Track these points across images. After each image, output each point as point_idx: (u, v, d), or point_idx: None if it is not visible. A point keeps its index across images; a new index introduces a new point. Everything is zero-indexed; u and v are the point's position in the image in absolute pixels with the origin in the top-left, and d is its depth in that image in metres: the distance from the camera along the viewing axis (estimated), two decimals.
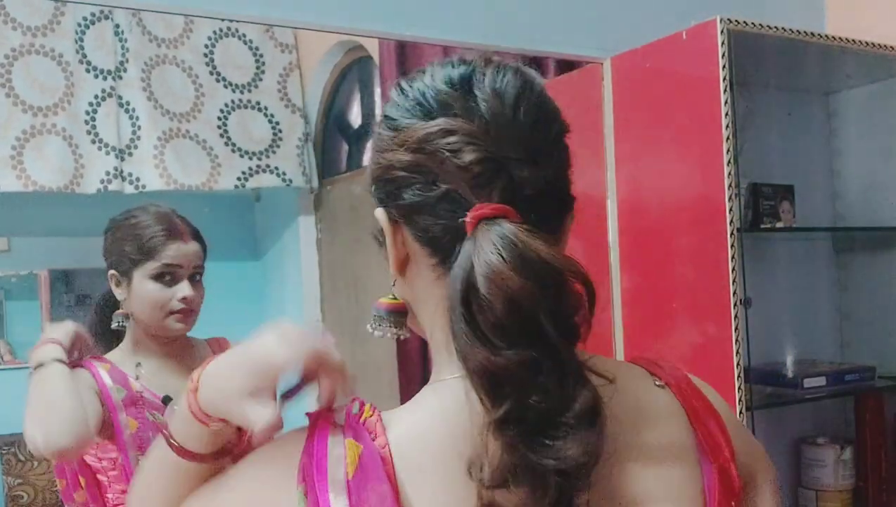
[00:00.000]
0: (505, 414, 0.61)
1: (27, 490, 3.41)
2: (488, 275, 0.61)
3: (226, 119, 3.51)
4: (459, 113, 0.68)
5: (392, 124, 0.72)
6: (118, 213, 1.64)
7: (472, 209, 0.65)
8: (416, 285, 0.73)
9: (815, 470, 1.97)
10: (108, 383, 1.55)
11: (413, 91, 0.72)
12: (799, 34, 1.75)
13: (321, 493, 0.63)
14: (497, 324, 0.61)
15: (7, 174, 3.08)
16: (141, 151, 3.30)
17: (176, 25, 3.44)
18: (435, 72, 0.72)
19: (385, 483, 0.63)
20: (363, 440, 0.65)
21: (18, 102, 3.13)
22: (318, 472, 0.64)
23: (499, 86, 0.69)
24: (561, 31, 1.91)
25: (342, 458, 0.64)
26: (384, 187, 0.72)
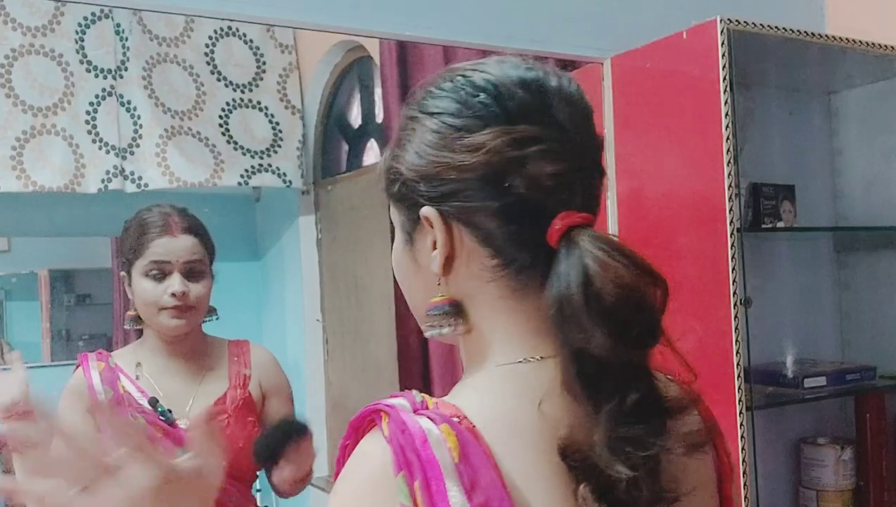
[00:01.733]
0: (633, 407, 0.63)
1: None
2: (605, 273, 0.64)
3: (227, 117, 3.52)
4: (540, 120, 0.69)
5: (456, 124, 0.70)
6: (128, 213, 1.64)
7: (560, 217, 0.67)
8: (465, 284, 0.72)
9: (815, 470, 1.97)
10: (95, 385, 1.56)
11: (482, 89, 0.70)
12: (799, 34, 1.75)
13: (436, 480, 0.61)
14: (618, 318, 0.64)
15: (7, 175, 3.08)
16: (143, 149, 3.30)
17: (177, 24, 3.44)
18: (502, 71, 0.72)
19: (489, 468, 0.62)
20: (452, 424, 0.63)
21: (18, 102, 3.13)
22: (427, 457, 0.61)
23: (569, 94, 0.71)
24: (561, 31, 1.91)
25: (443, 443, 0.62)
26: (439, 186, 0.70)
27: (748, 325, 1.65)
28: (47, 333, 3.91)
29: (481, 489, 0.61)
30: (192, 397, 1.60)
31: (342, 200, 3.59)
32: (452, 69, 0.75)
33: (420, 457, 0.61)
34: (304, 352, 3.80)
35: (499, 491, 0.61)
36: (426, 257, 0.72)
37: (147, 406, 1.55)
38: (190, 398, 1.60)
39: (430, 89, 0.74)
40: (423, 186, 0.71)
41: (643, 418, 0.63)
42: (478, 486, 0.61)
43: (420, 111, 0.73)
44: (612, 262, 0.64)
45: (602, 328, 0.63)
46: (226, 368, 1.66)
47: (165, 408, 1.56)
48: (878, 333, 2.10)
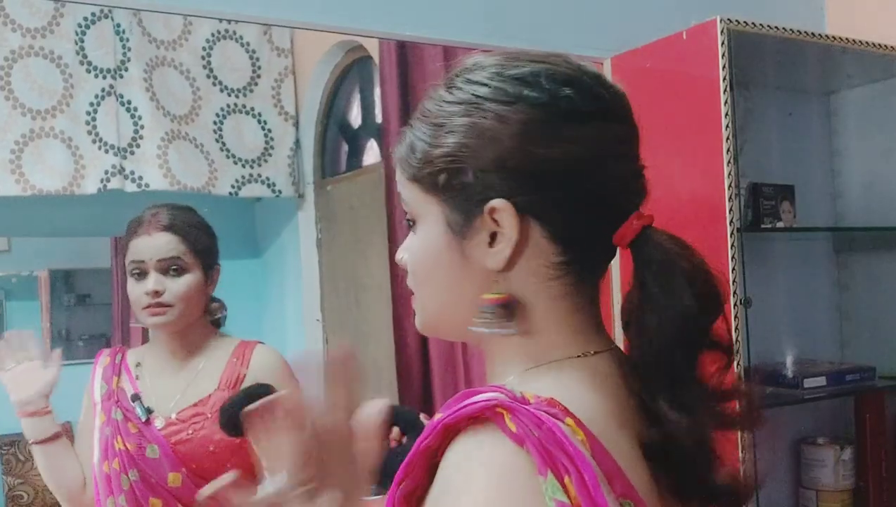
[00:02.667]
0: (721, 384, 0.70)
1: (27, 490, 3.41)
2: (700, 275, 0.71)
3: (221, 124, 3.52)
4: (624, 119, 0.72)
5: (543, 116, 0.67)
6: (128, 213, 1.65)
7: (635, 216, 0.71)
8: (525, 280, 0.69)
9: (815, 470, 1.97)
10: (96, 380, 1.61)
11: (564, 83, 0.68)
12: (799, 34, 1.75)
13: (592, 481, 0.58)
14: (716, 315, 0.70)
15: (6, 179, 3.07)
16: (143, 149, 3.29)
17: (175, 27, 3.44)
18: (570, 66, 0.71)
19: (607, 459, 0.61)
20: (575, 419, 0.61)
21: (17, 105, 3.12)
22: (576, 453, 0.58)
23: (624, 97, 0.73)
24: (561, 31, 1.91)
25: (574, 436, 0.59)
26: (517, 179, 0.67)
27: (748, 325, 1.65)
28: (47, 333, 3.90)
29: (618, 481, 0.60)
30: (179, 397, 1.59)
31: (342, 200, 3.59)
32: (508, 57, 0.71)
33: (567, 452, 0.58)
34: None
35: (624, 480, 0.61)
36: (481, 251, 0.69)
37: (129, 403, 1.57)
38: (176, 397, 1.59)
39: (490, 74, 0.69)
40: (496, 177, 0.67)
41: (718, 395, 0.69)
42: (615, 478, 0.60)
43: (486, 98, 0.68)
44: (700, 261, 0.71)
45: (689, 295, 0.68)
46: (221, 368, 1.63)
47: (145, 405, 1.56)
48: (878, 333, 2.10)
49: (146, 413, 1.56)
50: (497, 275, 0.69)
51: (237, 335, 1.74)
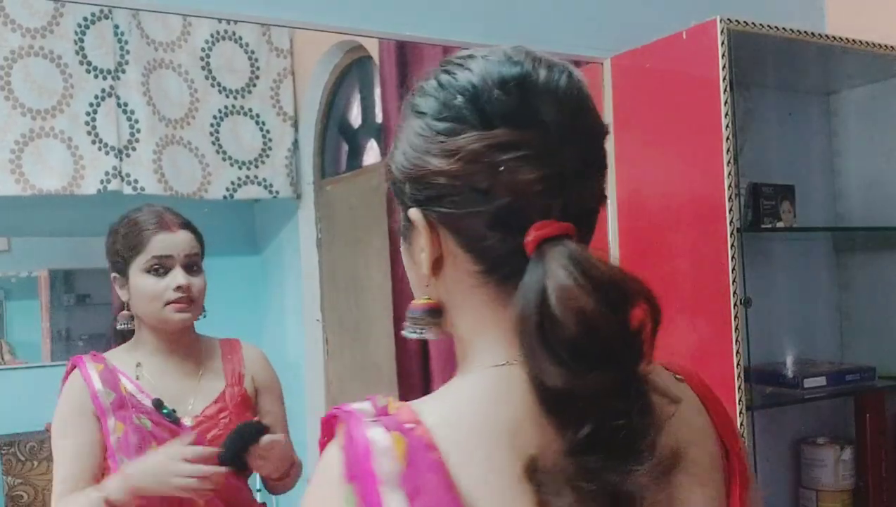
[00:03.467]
0: (583, 438, 0.60)
1: (27, 490, 3.41)
2: (563, 298, 0.61)
3: (218, 126, 3.52)
4: (519, 123, 0.65)
5: (437, 127, 0.67)
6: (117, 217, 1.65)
7: (534, 228, 0.64)
8: (452, 287, 0.70)
9: (815, 470, 1.97)
10: (97, 388, 1.55)
11: (462, 89, 0.67)
12: (799, 34, 1.75)
13: (373, 493, 0.61)
14: (573, 345, 0.60)
15: (6, 179, 3.08)
16: (139, 154, 3.30)
17: (174, 28, 3.44)
18: (485, 68, 0.68)
19: (436, 473, 0.61)
20: (404, 432, 0.63)
21: (17, 105, 3.13)
22: (365, 470, 0.61)
23: (556, 91, 0.67)
24: (561, 31, 1.91)
25: (389, 451, 0.62)
26: (423, 190, 0.68)
27: (748, 325, 1.65)
28: (47, 333, 3.91)
29: (426, 493, 0.61)
30: (193, 396, 1.61)
31: (342, 200, 3.59)
32: (444, 63, 0.71)
33: (362, 469, 0.61)
34: (304, 352, 3.80)
35: (444, 495, 0.61)
36: (416, 257, 0.71)
37: (151, 407, 1.55)
38: (190, 397, 1.60)
39: (421, 86, 0.71)
40: (409, 188, 0.69)
41: (598, 450, 0.60)
42: (422, 491, 0.61)
43: (410, 110, 0.71)
44: (574, 287, 0.61)
45: (554, 358, 0.60)
46: (221, 366, 1.68)
47: (170, 409, 1.56)
48: (878, 333, 2.10)
49: (175, 416, 1.57)
50: (429, 280, 0.70)
51: (238, 334, 1.76)
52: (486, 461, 0.63)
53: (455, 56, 0.71)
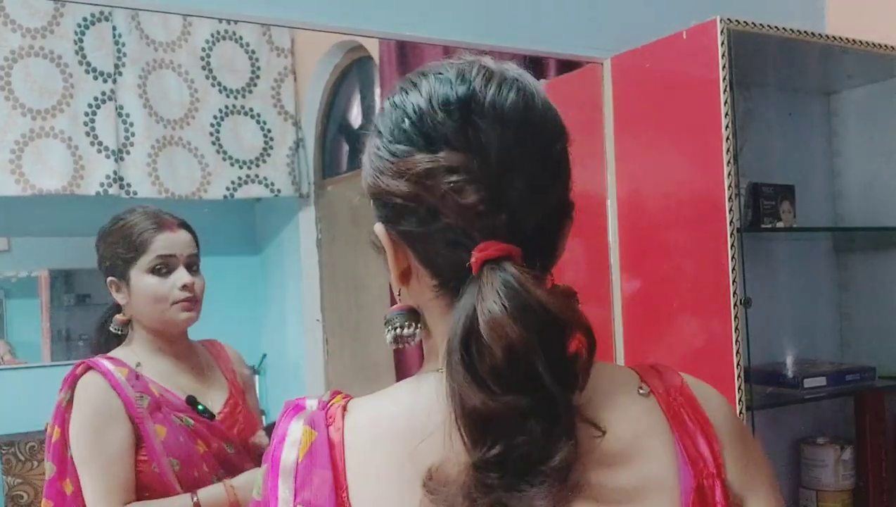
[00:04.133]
0: (492, 457, 0.62)
1: (27, 490, 3.41)
2: (490, 323, 0.62)
3: (219, 126, 3.52)
4: (460, 146, 0.66)
5: (390, 148, 0.70)
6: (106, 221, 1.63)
7: (476, 249, 0.65)
8: (418, 296, 0.73)
9: (815, 470, 1.97)
10: (130, 395, 1.50)
11: (410, 111, 0.69)
12: (799, 34, 1.75)
13: (272, 478, 0.67)
14: (495, 370, 0.62)
15: (6, 179, 3.07)
16: (134, 157, 3.30)
17: (174, 28, 3.44)
18: (433, 89, 0.69)
19: (328, 469, 0.66)
20: (318, 427, 0.68)
21: (18, 104, 3.12)
22: (274, 457, 0.68)
23: (501, 110, 0.67)
24: (561, 31, 1.91)
25: (297, 443, 0.67)
26: (383, 208, 0.71)
27: (748, 325, 1.65)
28: (47, 333, 3.91)
29: (310, 487, 0.66)
30: (207, 393, 1.61)
31: (342, 200, 3.59)
32: (403, 80, 0.74)
33: (273, 455, 0.68)
34: (304, 352, 3.80)
35: (328, 492, 0.65)
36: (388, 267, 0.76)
37: (185, 405, 1.55)
38: (206, 394, 1.61)
39: (383, 104, 0.74)
40: (373, 205, 0.73)
41: (503, 469, 0.62)
42: (307, 485, 0.66)
43: (373, 128, 0.74)
44: (501, 317, 0.62)
45: (474, 379, 0.62)
46: (214, 364, 1.69)
47: (204, 405, 1.57)
48: (878, 333, 2.10)
49: (210, 412, 1.58)
50: (400, 289, 0.75)
51: (238, 334, 1.78)
52: (384, 465, 0.66)
53: (413, 73, 0.74)
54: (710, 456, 0.71)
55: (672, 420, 0.72)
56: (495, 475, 0.62)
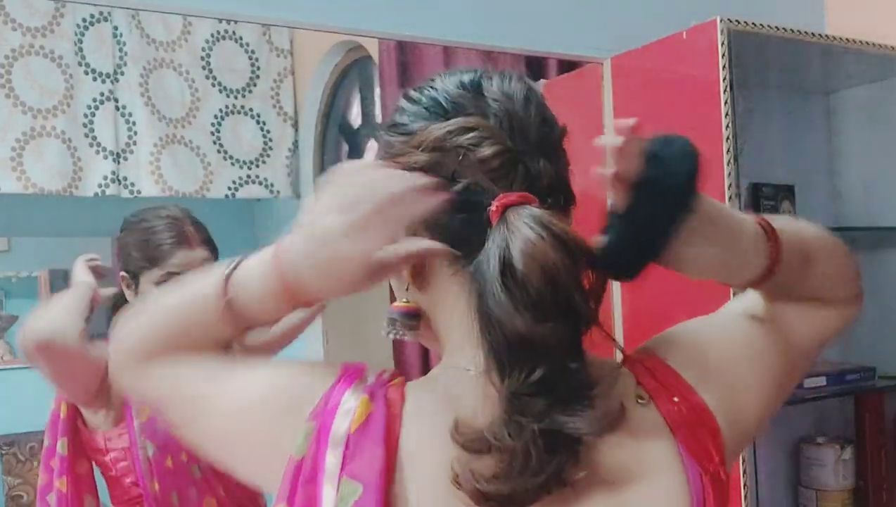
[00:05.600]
0: (535, 380, 0.63)
1: (27, 490, 3.41)
2: (526, 250, 0.64)
3: (219, 125, 3.52)
4: (474, 112, 0.71)
5: (404, 129, 0.74)
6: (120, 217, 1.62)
7: (497, 198, 0.67)
8: (431, 286, 0.74)
9: (815, 470, 1.97)
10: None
11: (424, 98, 0.74)
12: (799, 34, 1.75)
13: (321, 444, 0.66)
14: (534, 297, 0.63)
15: (7, 176, 3.07)
16: (137, 156, 3.30)
17: (174, 28, 3.44)
18: (443, 79, 0.75)
19: (381, 446, 0.65)
20: (377, 401, 0.67)
21: (18, 103, 3.12)
22: (326, 422, 0.67)
23: (507, 88, 0.73)
24: (561, 31, 1.91)
25: (351, 412, 0.67)
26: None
27: None
28: None
29: (359, 461, 0.65)
30: None
31: None
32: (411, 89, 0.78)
33: (324, 420, 0.67)
34: (304, 352, 3.80)
35: (376, 469, 0.64)
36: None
37: None
38: None
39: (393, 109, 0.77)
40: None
41: (548, 392, 0.63)
42: (357, 457, 0.65)
43: (383, 132, 0.78)
44: (539, 240, 0.64)
45: (516, 305, 0.63)
46: None
47: None
48: (878, 333, 2.10)
49: None
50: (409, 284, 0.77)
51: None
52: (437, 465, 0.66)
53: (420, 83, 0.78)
54: (714, 448, 0.73)
55: (672, 423, 0.72)
56: (541, 400, 0.63)
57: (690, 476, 0.71)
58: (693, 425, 0.73)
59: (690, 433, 0.72)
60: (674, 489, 0.71)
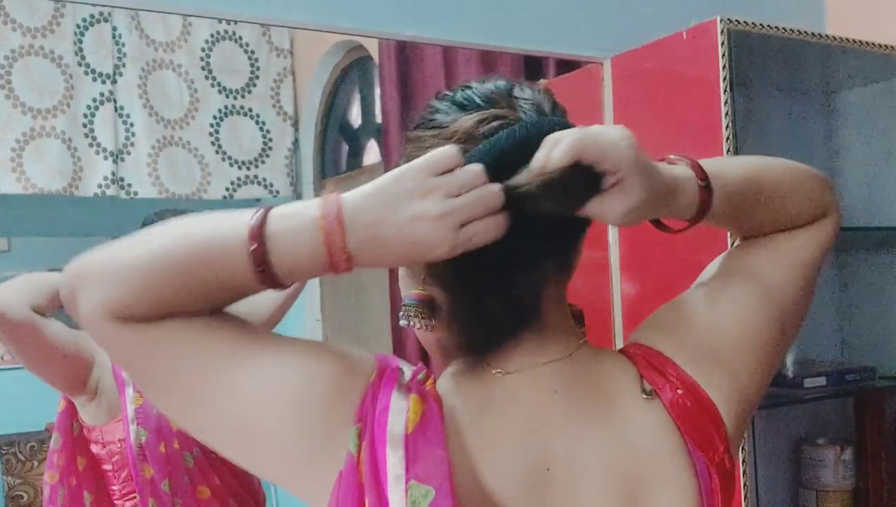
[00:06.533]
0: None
1: (27, 490, 3.41)
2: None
3: (218, 126, 3.52)
4: (506, 105, 0.73)
5: (434, 124, 0.74)
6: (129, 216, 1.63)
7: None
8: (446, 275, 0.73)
9: (815, 470, 1.97)
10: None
11: (457, 96, 0.75)
12: (799, 34, 1.75)
13: (378, 445, 0.63)
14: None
15: (7, 176, 3.08)
16: (134, 157, 3.30)
17: (174, 28, 3.44)
18: (477, 82, 0.77)
19: (442, 449, 0.64)
20: (428, 403, 0.66)
21: (18, 103, 3.12)
22: (379, 422, 0.64)
23: (536, 96, 0.75)
24: (561, 31, 1.91)
25: (404, 411, 0.64)
26: None
27: None
28: None
29: (423, 464, 0.63)
30: None
31: None
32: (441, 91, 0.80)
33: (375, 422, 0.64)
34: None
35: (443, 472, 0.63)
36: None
37: None
38: None
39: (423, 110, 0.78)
40: None
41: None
42: (420, 460, 0.63)
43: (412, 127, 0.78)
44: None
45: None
46: None
47: None
48: (878, 333, 2.10)
49: None
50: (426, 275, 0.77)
51: None
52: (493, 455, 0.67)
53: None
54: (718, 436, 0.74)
55: (677, 418, 0.73)
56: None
57: (698, 468, 0.72)
58: (697, 416, 0.73)
59: (695, 425, 0.73)
60: (683, 485, 0.72)
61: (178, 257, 0.63)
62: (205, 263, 0.63)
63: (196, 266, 0.63)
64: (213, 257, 0.63)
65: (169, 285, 0.63)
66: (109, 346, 0.67)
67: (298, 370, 0.66)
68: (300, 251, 0.63)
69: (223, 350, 0.66)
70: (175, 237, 0.65)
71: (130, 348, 0.66)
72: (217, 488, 1.55)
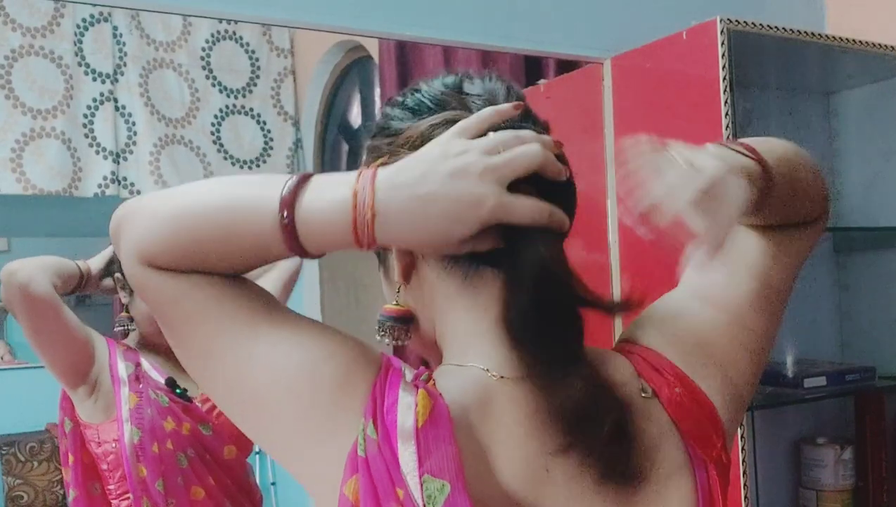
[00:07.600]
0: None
1: (27, 490, 3.41)
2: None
3: (219, 125, 3.52)
4: (457, 107, 0.72)
5: (389, 131, 0.74)
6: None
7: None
8: (425, 285, 0.74)
9: (815, 470, 1.97)
10: (118, 358, 1.58)
11: (408, 100, 0.75)
12: (799, 34, 1.75)
13: (389, 441, 0.63)
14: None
15: (6, 177, 3.08)
16: (137, 156, 3.30)
17: (174, 28, 3.44)
18: (426, 83, 0.76)
19: (452, 444, 0.64)
20: (435, 399, 0.66)
21: (18, 104, 3.12)
22: (389, 418, 0.64)
23: (487, 86, 0.75)
24: (561, 31, 1.91)
25: (412, 407, 0.64)
26: None
27: None
28: None
29: (435, 458, 0.63)
30: (187, 381, 1.63)
31: None
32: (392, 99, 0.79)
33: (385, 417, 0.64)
34: None
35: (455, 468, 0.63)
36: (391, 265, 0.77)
37: (164, 385, 1.59)
38: (186, 381, 1.62)
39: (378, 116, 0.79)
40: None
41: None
42: (431, 455, 0.63)
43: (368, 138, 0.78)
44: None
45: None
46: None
47: (182, 388, 1.60)
48: (878, 333, 2.10)
49: (187, 395, 1.61)
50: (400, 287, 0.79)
51: None
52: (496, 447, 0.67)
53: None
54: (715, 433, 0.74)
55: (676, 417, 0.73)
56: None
57: (696, 466, 0.72)
58: (694, 414, 0.74)
59: (693, 423, 0.73)
60: (681, 483, 0.72)
61: (209, 214, 0.66)
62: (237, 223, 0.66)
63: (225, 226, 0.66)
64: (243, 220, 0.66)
65: (195, 240, 0.66)
66: (141, 288, 0.70)
67: (316, 347, 0.68)
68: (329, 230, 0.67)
69: (244, 317, 0.67)
70: (210, 194, 0.68)
71: (157, 294, 0.68)
72: (212, 488, 1.55)
